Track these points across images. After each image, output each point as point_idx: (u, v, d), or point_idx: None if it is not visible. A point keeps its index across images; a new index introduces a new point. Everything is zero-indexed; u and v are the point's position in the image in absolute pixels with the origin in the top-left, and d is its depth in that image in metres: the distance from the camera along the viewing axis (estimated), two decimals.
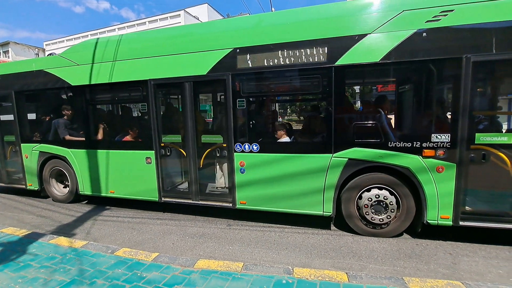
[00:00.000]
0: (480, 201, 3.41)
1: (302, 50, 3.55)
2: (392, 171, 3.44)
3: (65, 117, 5.25)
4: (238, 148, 4.01)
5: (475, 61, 2.99)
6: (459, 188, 3.18)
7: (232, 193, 4.17)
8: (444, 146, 3.17)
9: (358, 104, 3.67)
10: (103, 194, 5.00)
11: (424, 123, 3.39)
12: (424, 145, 3.23)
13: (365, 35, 3.30)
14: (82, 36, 30.72)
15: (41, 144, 5.38)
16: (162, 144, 4.49)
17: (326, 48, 3.45)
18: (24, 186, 5.73)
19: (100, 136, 5.07)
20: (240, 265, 2.92)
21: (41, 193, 5.67)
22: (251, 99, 4.41)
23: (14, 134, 5.59)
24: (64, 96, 5.34)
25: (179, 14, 31.08)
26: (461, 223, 3.25)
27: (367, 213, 3.58)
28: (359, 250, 3.38)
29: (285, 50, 3.61)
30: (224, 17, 40.63)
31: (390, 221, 3.56)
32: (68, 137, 5.19)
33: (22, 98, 5.51)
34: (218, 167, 4.66)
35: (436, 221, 3.31)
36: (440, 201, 3.26)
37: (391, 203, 3.47)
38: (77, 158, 5.08)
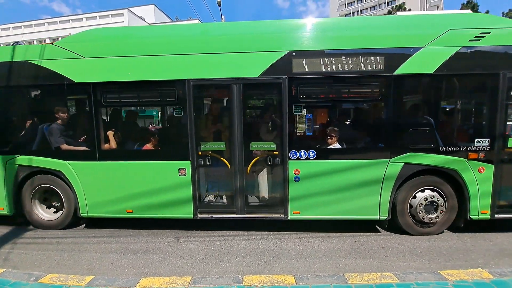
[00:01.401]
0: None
1: (361, 58, 3.59)
2: (439, 173, 3.75)
3: (59, 121, 4.16)
4: (293, 156, 3.77)
5: (510, 77, 3.52)
6: (496, 186, 3.65)
7: (284, 203, 3.88)
8: (485, 149, 3.62)
9: (412, 112, 3.87)
10: (117, 215, 4.13)
11: (469, 129, 3.90)
12: (469, 149, 3.63)
13: (419, 48, 3.56)
14: (1, 29, 26.40)
15: (21, 156, 4.15)
16: (200, 153, 3.96)
17: (385, 58, 3.59)
18: None
19: (113, 144, 4.16)
20: (188, 279, 2.79)
21: (16, 219, 4.43)
22: (307, 104, 4.19)
23: None
24: (59, 96, 4.31)
25: (122, 13, 29.11)
26: (496, 216, 3.71)
27: (420, 212, 3.78)
28: (305, 251, 3.53)
29: (345, 57, 3.62)
30: (172, 19, 39.39)
31: (438, 219, 3.83)
32: (65, 146, 4.14)
33: None
34: (266, 176, 4.22)
35: (477, 216, 3.71)
36: (481, 198, 3.66)
37: (442, 203, 3.79)
38: (78, 172, 4.06)
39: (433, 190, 3.82)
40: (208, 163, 4.02)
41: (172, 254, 3.56)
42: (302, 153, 3.77)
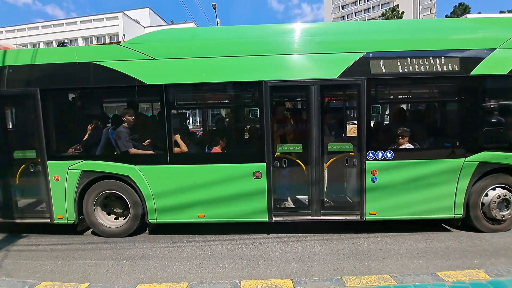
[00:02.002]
0: None
1: (438, 60, 3.68)
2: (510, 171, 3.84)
3: (125, 124, 4.07)
4: (370, 156, 3.79)
5: None
6: None
7: (360, 204, 3.89)
8: None
9: (486, 111, 4.05)
10: (188, 220, 4.05)
11: None
12: None
13: (493, 49, 3.65)
14: None
15: (84, 161, 4.01)
16: (276, 155, 3.92)
17: (461, 59, 3.68)
18: (48, 220, 4.15)
19: (184, 147, 4.10)
20: (185, 286, 2.76)
21: (77, 227, 4.24)
22: (385, 105, 4.31)
23: (34, 147, 4.04)
24: (127, 98, 4.35)
25: (117, 16, 29.04)
26: None
27: (492, 210, 3.82)
28: (303, 254, 3.52)
29: (422, 59, 3.69)
30: (167, 23, 39.35)
31: (509, 216, 3.89)
32: (134, 150, 4.04)
33: (52, 98, 4.08)
34: (343, 177, 4.35)
35: None
36: None
37: None
38: (148, 176, 3.94)
39: (503, 188, 3.89)
40: (284, 165, 3.98)
41: (169, 259, 3.52)
42: (380, 154, 3.81)
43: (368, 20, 62.86)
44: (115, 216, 4.31)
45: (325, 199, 4.09)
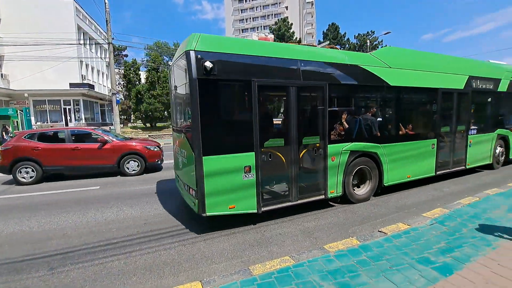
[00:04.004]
0: None
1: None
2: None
3: (369, 114, 5.38)
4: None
5: None
6: None
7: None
8: None
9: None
10: (399, 181, 5.75)
11: None
12: None
13: None
14: None
15: (352, 143, 5.03)
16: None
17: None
18: (323, 196, 4.81)
19: (412, 130, 5.95)
20: None
21: (338, 199, 5.17)
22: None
23: (318, 134, 4.73)
24: (376, 93, 5.58)
25: None
26: None
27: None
28: (211, 253, 3.49)
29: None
30: None
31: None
32: (379, 133, 5.42)
33: (333, 92, 4.85)
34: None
35: None
36: None
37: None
38: (386, 152, 5.42)
39: (501, 146, 8.01)
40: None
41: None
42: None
43: (264, 26, 68.48)
44: (357, 186, 5.45)
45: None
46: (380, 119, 5.53)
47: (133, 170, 8.33)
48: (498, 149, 7.79)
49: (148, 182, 7.40)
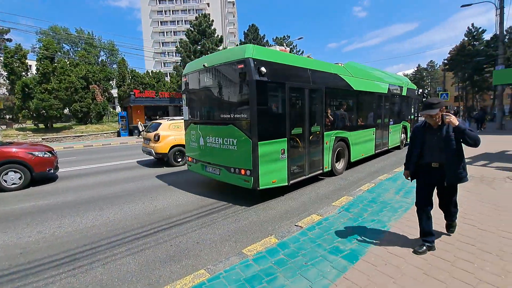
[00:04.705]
0: None
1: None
2: None
3: (343, 110, 7.41)
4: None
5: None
6: None
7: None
8: None
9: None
10: (360, 158, 8.16)
11: None
12: None
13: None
14: None
15: (336, 131, 6.91)
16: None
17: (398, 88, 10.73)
18: (321, 171, 6.45)
19: (361, 123, 8.24)
20: None
21: (328, 173, 6.84)
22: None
23: (319, 124, 6.33)
24: (345, 95, 7.68)
25: None
26: None
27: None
28: (111, 280, 2.86)
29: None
30: None
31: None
32: (348, 124, 7.53)
33: (326, 93, 6.51)
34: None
35: None
36: None
37: None
38: (352, 137, 7.56)
39: (403, 133, 11.45)
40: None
41: None
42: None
43: (184, 20, 65.61)
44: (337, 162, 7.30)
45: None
46: (347, 113, 7.54)
47: (13, 184, 6.55)
48: (403, 135, 11.38)
49: (34, 197, 5.90)
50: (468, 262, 2.71)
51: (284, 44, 36.23)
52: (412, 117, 12.26)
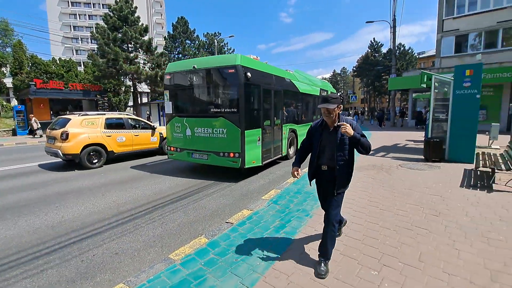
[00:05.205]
0: None
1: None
2: None
3: (292, 107, 9.11)
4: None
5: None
6: None
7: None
8: None
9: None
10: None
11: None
12: None
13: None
14: None
15: (289, 124, 8.54)
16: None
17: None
18: (281, 155, 8.12)
19: (304, 118, 10.14)
20: None
21: (284, 157, 8.56)
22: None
23: (279, 118, 7.95)
24: (294, 96, 9.30)
25: None
26: None
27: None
28: None
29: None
30: None
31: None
32: (296, 119, 9.35)
33: (284, 94, 8.19)
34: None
35: None
36: None
37: None
38: (299, 129, 9.32)
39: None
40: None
41: None
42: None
43: (102, 4, 57.92)
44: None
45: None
46: (296, 110, 9.36)
47: None
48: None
49: None
50: (374, 238, 3.16)
51: (216, 40, 35.79)
52: None
